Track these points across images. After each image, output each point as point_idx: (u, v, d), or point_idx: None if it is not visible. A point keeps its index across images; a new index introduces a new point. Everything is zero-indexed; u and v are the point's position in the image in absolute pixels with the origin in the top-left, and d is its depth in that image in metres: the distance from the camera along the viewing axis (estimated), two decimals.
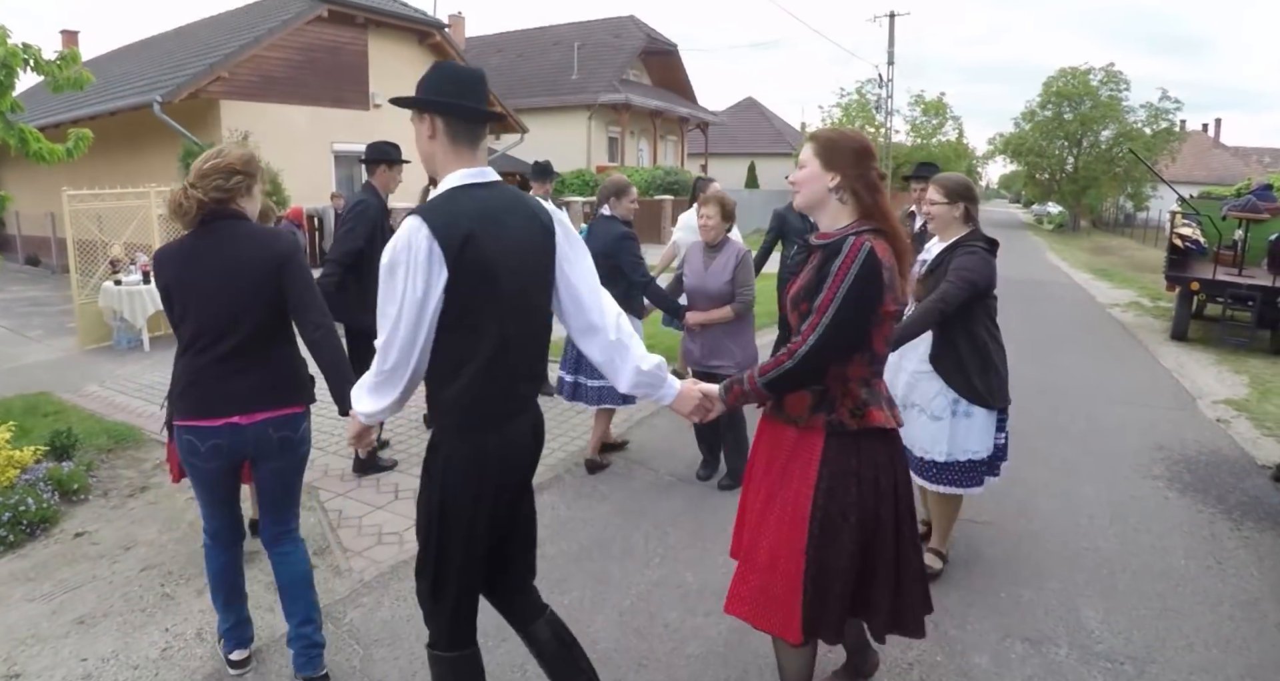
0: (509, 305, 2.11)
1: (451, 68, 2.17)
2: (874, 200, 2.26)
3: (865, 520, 2.27)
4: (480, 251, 2.02)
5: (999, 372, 3.56)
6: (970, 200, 3.53)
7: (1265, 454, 5.60)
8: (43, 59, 5.47)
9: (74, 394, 6.89)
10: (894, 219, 2.29)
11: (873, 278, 2.15)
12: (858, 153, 2.27)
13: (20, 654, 3.09)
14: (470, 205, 2.07)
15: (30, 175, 15.08)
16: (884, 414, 2.29)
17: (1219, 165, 44.83)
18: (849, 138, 2.32)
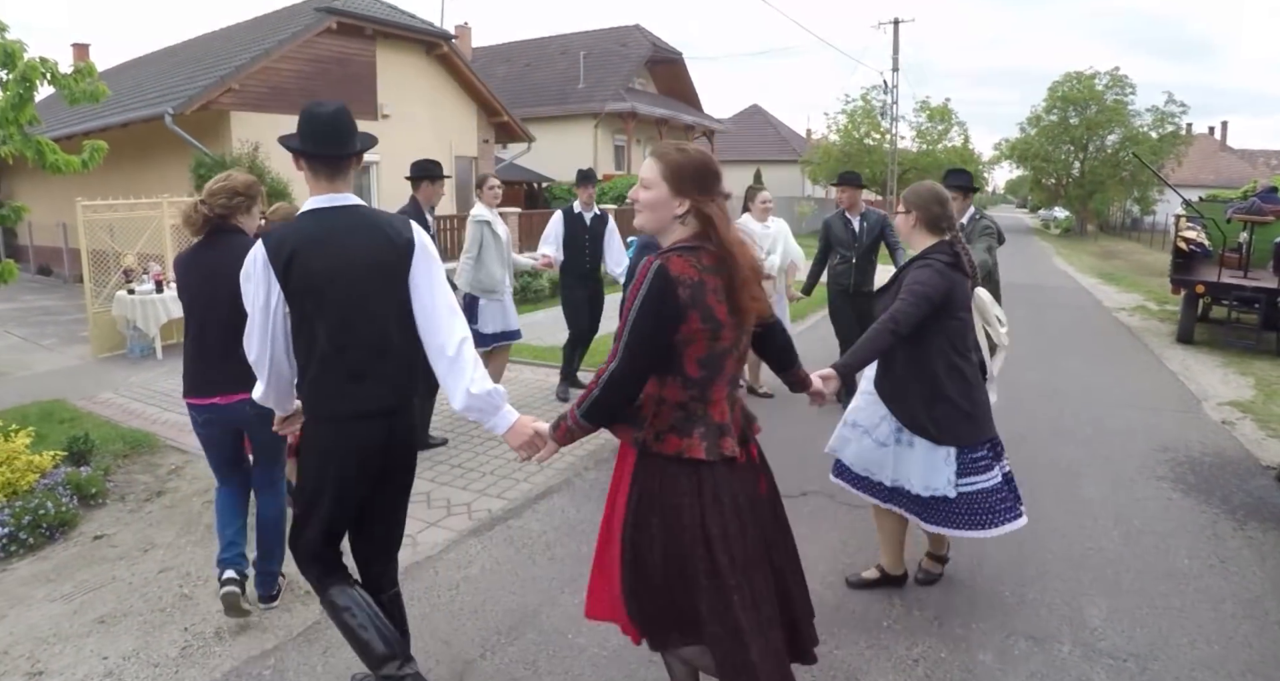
0: (339, 315, 2.40)
1: (309, 114, 2.49)
2: (713, 224, 2.15)
3: (669, 548, 2.18)
4: (304, 268, 2.36)
5: (956, 406, 3.17)
6: (924, 209, 3.22)
7: (1270, 455, 5.63)
8: (59, 72, 5.58)
9: (89, 401, 6.98)
10: (728, 236, 2.15)
11: (664, 296, 2.07)
12: (704, 176, 2.18)
13: (43, 652, 3.17)
14: (308, 227, 2.44)
15: (42, 186, 15.27)
16: (686, 442, 2.16)
17: (1226, 168, 44.76)
18: (694, 162, 2.19)
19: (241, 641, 3.25)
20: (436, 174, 5.51)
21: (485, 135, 19.09)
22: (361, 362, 2.44)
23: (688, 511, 2.16)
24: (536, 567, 3.89)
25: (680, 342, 2.12)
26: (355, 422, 2.46)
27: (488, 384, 2.41)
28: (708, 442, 2.17)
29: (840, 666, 3.08)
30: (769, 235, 6.78)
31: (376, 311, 2.44)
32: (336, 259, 2.39)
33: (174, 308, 8.76)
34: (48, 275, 18.09)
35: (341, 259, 2.39)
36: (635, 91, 27.35)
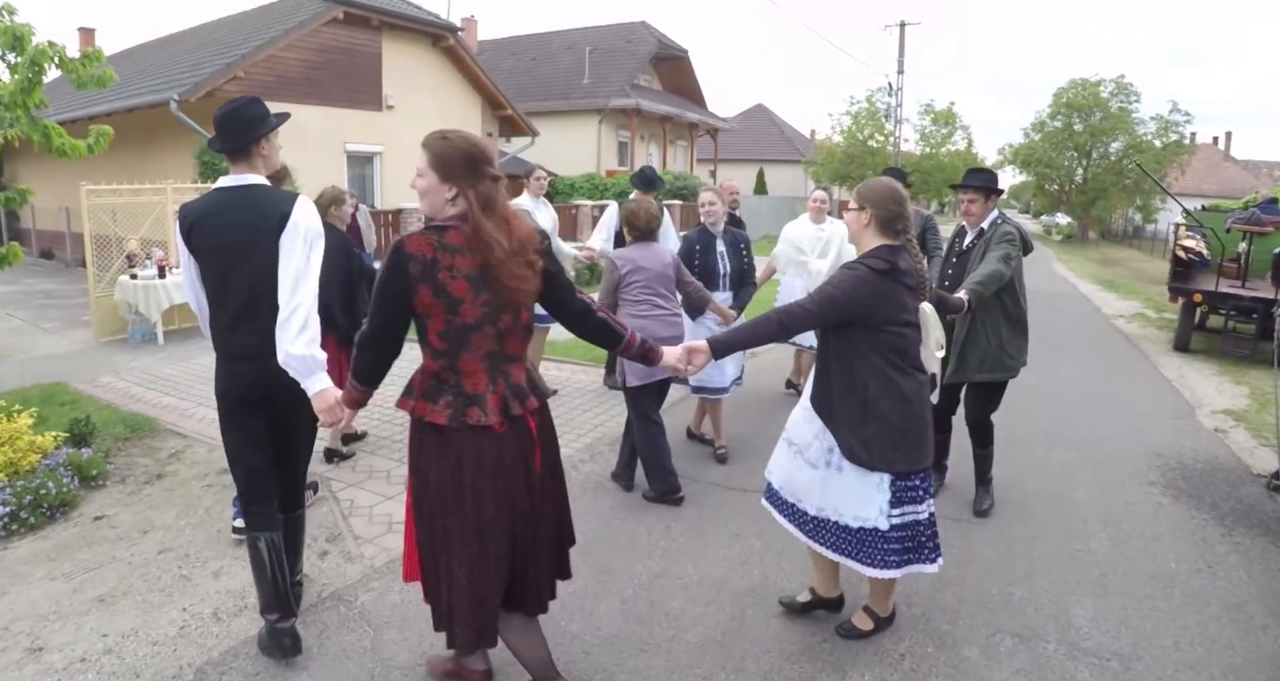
0: (219, 274, 2.87)
1: (220, 112, 2.94)
2: (471, 206, 2.30)
3: (419, 506, 2.50)
4: (199, 235, 2.86)
5: (889, 426, 2.88)
6: (880, 207, 2.92)
7: (1261, 463, 5.67)
8: (67, 57, 5.62)
9: (90, 384, 7.02)
10: (480, 219, 2.29)
11: (395, 270, 2.28)
12: (469, 161, 2.33)
13: (43, 629, 3.21)
14: (209, 201, 2.91)
15: (45, 169, 15.28)
16: (431, 408, 2.37)
17: (1229, 178, 44.79)
18: (457, 147, 2.34)
19: (239, 622, 3.29)
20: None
21: (489, 128, 19.10)
22: (235, 315, 2.88)
23: (433, 471, 2.43)
24: None
25: (420, 315, 2.35)
26: (234, 362, 2.93)
27: (308, 350, 2.73)
28: (452, 410, 2.36)
29: (828, 658, 3.13)
30: (821, 238, 6.39)
31: (247, 274, 2.85)
32: (219, 229, 2.85)
33: (175, 293, 8.79)
34: (50, 259, 18.10)
35: (223, 229, 2.85)
36: (640, 88, 27.36)
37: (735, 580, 3.76)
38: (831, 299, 2.84)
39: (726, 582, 3.73)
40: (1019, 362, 4.44)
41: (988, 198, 4.43)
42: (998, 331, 4.34)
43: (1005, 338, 4.35)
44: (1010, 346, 4.37)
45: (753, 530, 4.28)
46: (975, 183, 4.45)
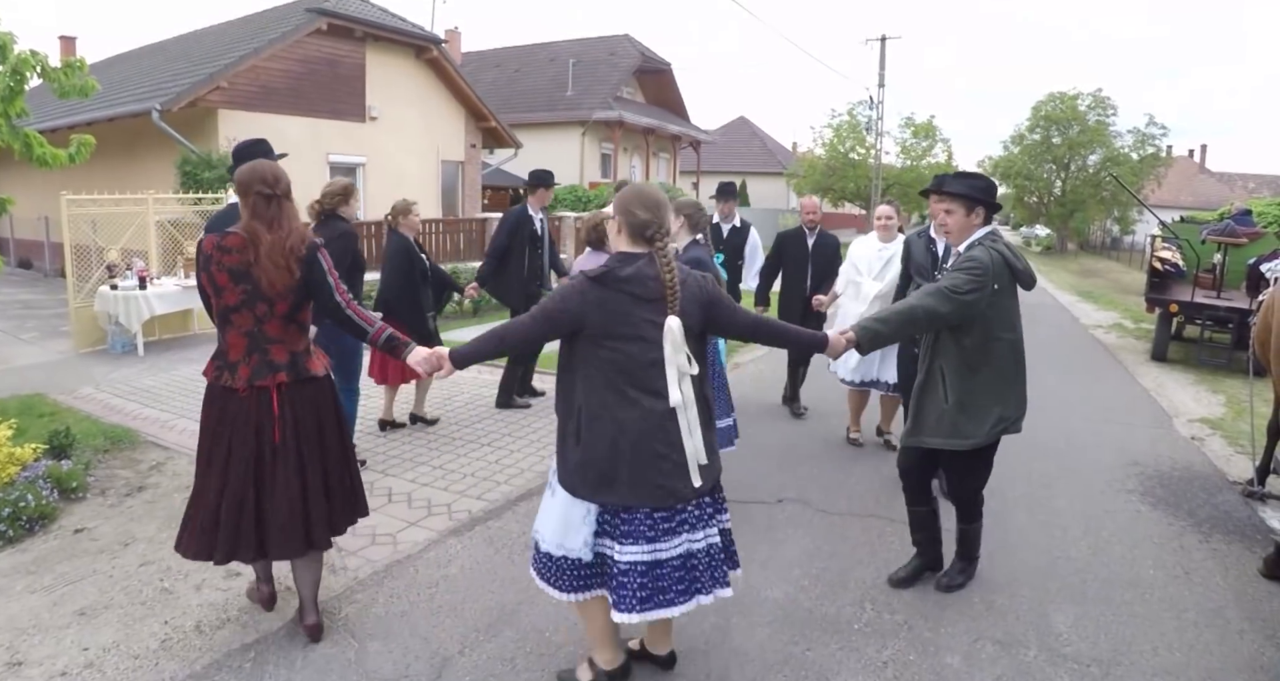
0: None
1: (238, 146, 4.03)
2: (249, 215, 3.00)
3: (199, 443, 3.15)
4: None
5: (586, 449, 2.62)
6: (626, 213, 2.66)
7: (1237, 471, 5.76)
8: (50, 66, 5.59)
9: (69, 396, 6.96)
10: (249, 225, 2.97)
11: (196, 260, 3.12)
12: (247, 182, 3.02)
13: (22, 643, 3.18)
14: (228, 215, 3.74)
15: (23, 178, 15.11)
16: (210, 365, 3.08)
17: (1204, 190, 45.47)
18: (242, 171, 3.07)
19: (222, 634, 3.27)
20: (550, 182, 6.80)
21: (473, 140, 19.12)
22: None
23: (203, 414, 3.14)
24: (515, 567, 3.93)
25: (205, 297, 3.12)
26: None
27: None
28: (216, 372, 3.06)
29: (811, 667, 3.15)
30: (881, 258, 5.74)
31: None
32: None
33: (156, 304, 8.74)
34: (28, 268, 17.92)
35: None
36: (623, 100, 27.47)
37: None
38: (543, 309, 2.66)
39: None
40: (978, 433, 3.47)
41: (971, 210, 3.46)
42: (956, 386, 3.47)
43: (963, 396, 3.46)
44: (971, 409, 3.46)
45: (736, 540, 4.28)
46: (954, 188, 3.50)
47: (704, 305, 2.70)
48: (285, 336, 3.06)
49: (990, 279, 3.32)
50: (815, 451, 5.90)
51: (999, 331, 3.44)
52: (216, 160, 12.01)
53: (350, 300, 3.11)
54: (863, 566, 4.03)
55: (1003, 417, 3.51)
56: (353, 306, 3.12)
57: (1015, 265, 3.45)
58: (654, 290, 2.58)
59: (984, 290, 3.30)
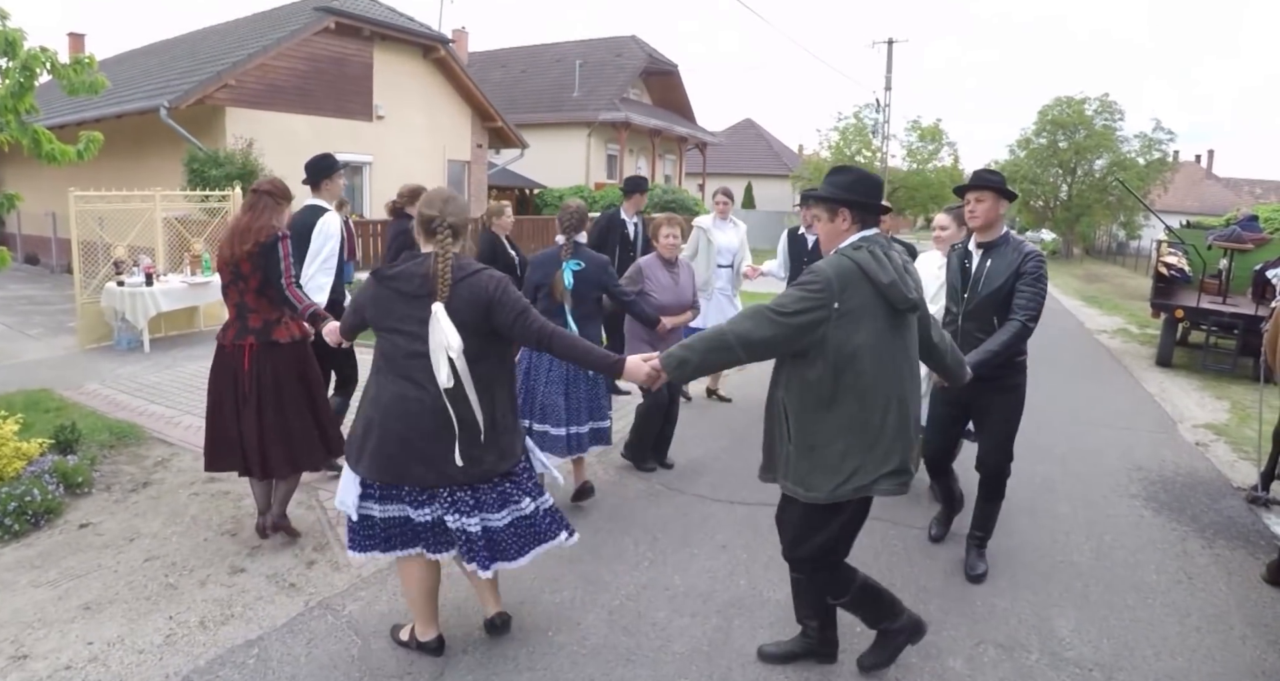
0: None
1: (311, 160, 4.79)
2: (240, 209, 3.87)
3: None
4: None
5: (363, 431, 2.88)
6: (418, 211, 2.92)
7: (1241, 476, 5.75)
8: (59, 62, 5.61)
9: (75, 391, 6.98)
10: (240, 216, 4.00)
11: None
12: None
13: (28, 636, 3.20)
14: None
15: (31, 174, 15.21)
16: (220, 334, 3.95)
17: (1211, 196, 45.35)
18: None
19: (226, 630, 3.28)
20: (645, 188, 7.17)
21: (479, 140, 19.16)
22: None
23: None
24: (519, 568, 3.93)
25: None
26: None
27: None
28: (221, 332, 3.95)
29: (813, 670, 3.15)
30: (938, 277, 4.65)
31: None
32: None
33: (163, 301, 8.77)
34: (35, 264, 17.98)
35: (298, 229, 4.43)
36: (630, 102, 27.49)
37: (721, 591, 3.78)
38: (352, 301, 3.20)
39: (713, 593, 3.75)
40: (822, 487, 2.74)
41: (834, 213, 2.85)
42: (800, 426, 2.78)
43: (809, 439, 2.76)
44: (817, 457, 2.75)
45: (739, 542, 4.31)
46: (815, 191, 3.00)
47: (478, 306, 2.80)
48: (259, 307, 3.89)
49: (831, 296, 2.62)
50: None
51: (869, 365, 2.67)
52: (224, 157, 12.05)
53: (291, 283, 3.86)
54: (866, 568, 3.98)
55: (860, 472, 2.71)
56: (291, 289, 3.86)
57: (878, 278, 2.64)
58: (420, 286, 2.78)
59: (820, 310, 2.62)
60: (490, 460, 2.89)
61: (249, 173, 11.93)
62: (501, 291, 2.84)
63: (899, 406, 2.73)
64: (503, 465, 2.94)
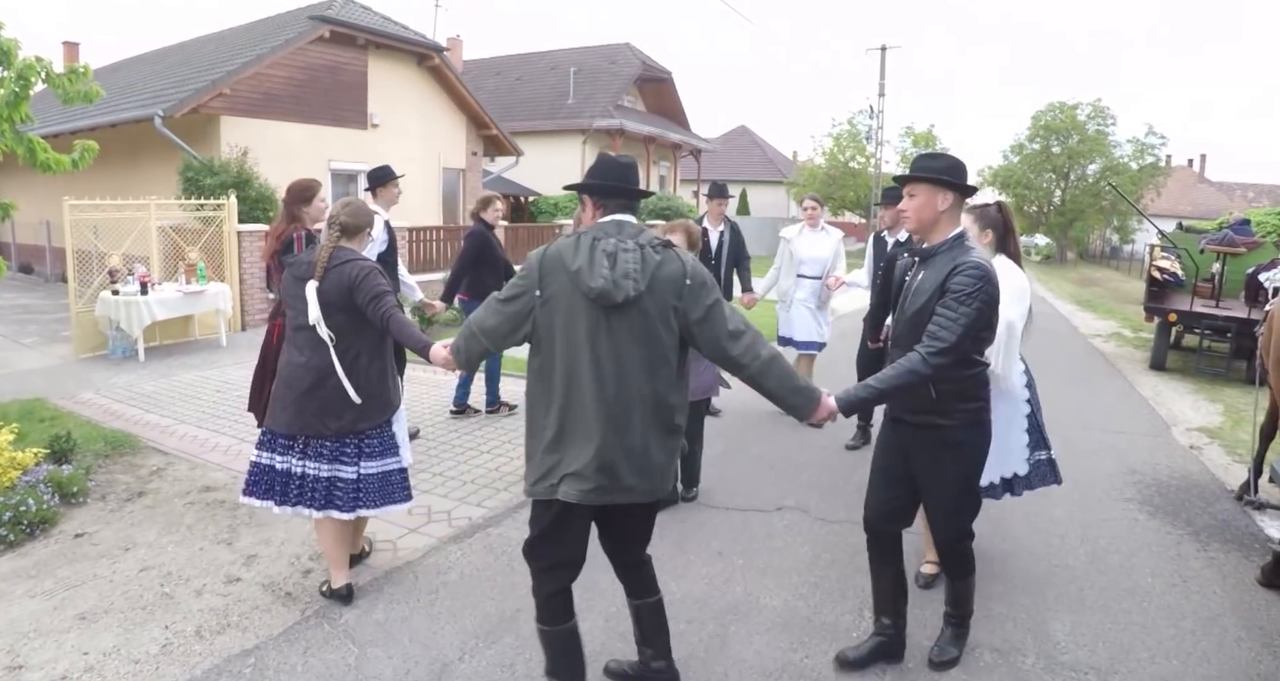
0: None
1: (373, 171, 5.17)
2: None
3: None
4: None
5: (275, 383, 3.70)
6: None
7: (1235, 480, 5.76)
8: (54, 71, 5.62)
9: (70, 400, 6.97)
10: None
11: None
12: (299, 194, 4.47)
13: (23, 646, 3.19)
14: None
15: (25, 183, 15.17)
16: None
17: (1203, 199, 45.56)
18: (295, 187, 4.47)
19: (222, 640, 3.28)
20: (727, 194, 7.01)
21: (474, 147, 19.18)
22: None
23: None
24: (515, 574, 3.94)
25: None
26: None
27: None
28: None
29: (810, 674, 3.16)
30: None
31: None
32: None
33: (158, 309, 8.76)
34: (29, 273, 17.96)
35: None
36: (624, 109, 27.55)
37: (717, 597, 3.78)
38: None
39: (709, 600, 3.75)
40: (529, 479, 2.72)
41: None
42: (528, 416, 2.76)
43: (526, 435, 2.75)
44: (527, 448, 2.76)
45: (735, 548, 4.32)
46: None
47: (343, 289, 3.37)
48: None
49: (534, 283, 2.59)
50: (813, 459, 5.90)
51: (558, 357, 2.58)
52: (218, 166, 12.04)
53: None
54: (861, 574, 4.01)
55: (553, 470, 2.60)
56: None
57: (568, 264, 2.53)
58: (306, 271, 3.43)
59: (526, 297, 2.61)
60: (349, 418, 3.45)
61: (244, 181, 11.92)
62: (363, 278, 3.37)
63: (595, 403, 2.55)
64: (360, 425, 3.48)
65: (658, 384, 2.60)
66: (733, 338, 2.60)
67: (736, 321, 2.63)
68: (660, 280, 2.55)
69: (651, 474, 2.65)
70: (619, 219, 2.63)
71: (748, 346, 2.60)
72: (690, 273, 2.59)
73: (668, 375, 2.62)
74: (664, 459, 2.68)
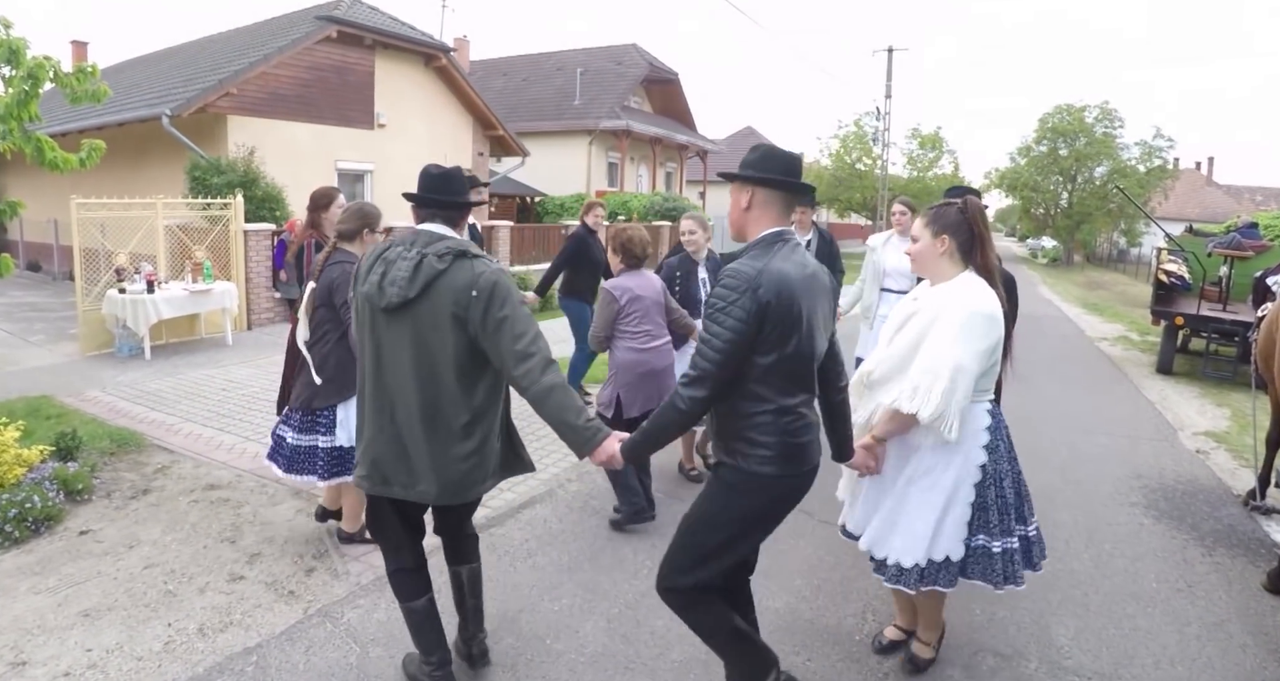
0: None
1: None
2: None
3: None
4: None
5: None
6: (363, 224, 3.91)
7: (1242, 484, 5.74)
8: (62, 71, 5.64)
9: (76, 398, 6.99)
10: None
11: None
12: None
13: (27, 643, 3.20)
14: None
15: (33, 181, 15.26)
16: None
17: (1212, 202, 45.38)
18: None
19: (224, 638, 3.29)
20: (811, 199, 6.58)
21: (480, 148, 19.19)
22: None
23: None
24: (518, 574, 3.94)
25: None
26: None
27: None
28: None
29: (813, 677, 3.15)
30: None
31: None
32: None
33: (164, 308, 8.78)
34: (37, 271, 18.02)
35: None
36: (630, 110, 27.56)
37: None
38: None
39: None
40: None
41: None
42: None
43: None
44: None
45: None
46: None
47: (325, 289, 3.73)
48: None
49: (349, 287, 3.16)
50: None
51: (360, 355, 2.79)
52: (225, 165, 12.07)
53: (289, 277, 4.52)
54: (864, 577, 4.01)
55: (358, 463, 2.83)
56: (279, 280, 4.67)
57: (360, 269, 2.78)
58: (313, 273, 3.83)
59: (349, 300, 3.19)
60: (305, 397, 3.90)
61: (250, 180, 11.95)
62: (342, 281, 3.65)
63: (370, 401, 2.73)
64: (314, 402, 3.87)
65: (428, 388, 2.62)
66: (518, 357, 2.54)
67: (529, 343, 2.56)
68: (439, 288, 2.57)
69: (420, 475, 2.68)
70: (425, 227, 2.72)
71: (529, 370, 2.54)
72: (481, 283, 2.56)
73: (444, 380, 2.61)
74: (442, 463, 2.66)
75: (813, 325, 2.50)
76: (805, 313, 2.44)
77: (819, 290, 2.53)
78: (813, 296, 2.49)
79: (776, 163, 2.57)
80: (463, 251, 2.61)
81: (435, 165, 2.81)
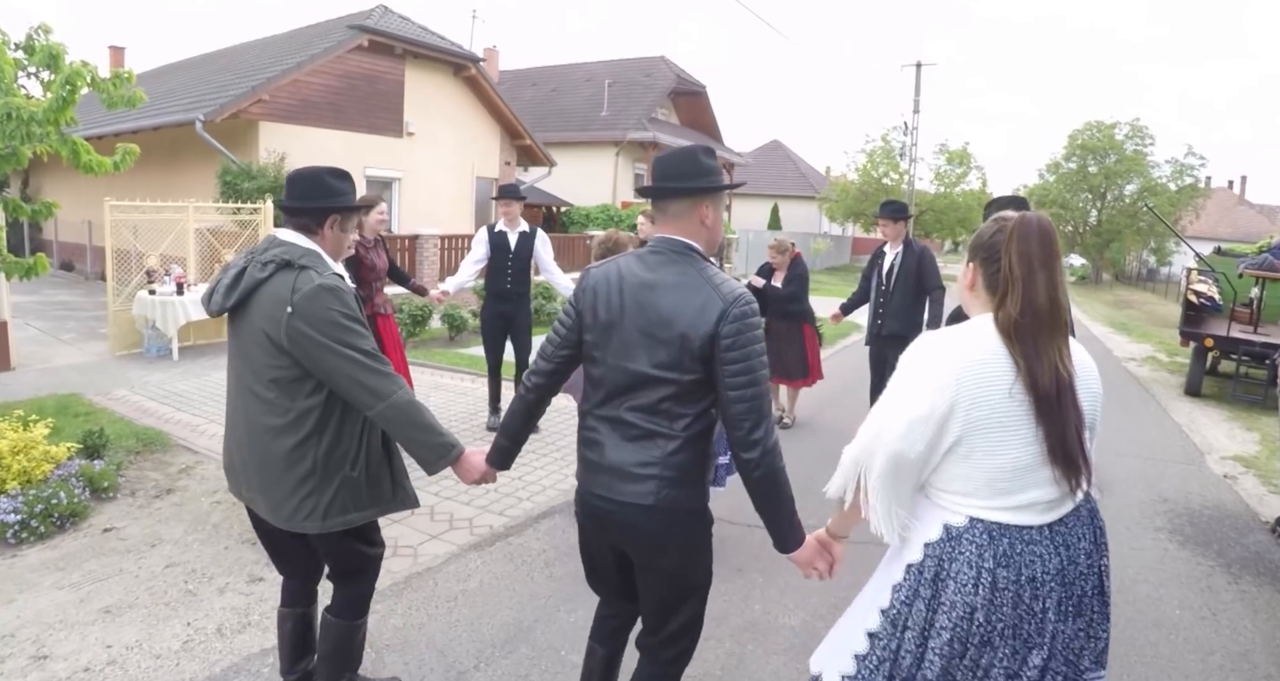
0: None
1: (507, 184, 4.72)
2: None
3: None
4: None
5: None
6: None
7: (1270, 510, 5.64)
8: (99, 77, 5.76)
9: (104, 397, 7.10)
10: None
11: None
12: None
13: (49, 637, 3.25)
14: None
15: (69, 183, 15.53)
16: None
17: (1244, 222, 44.76)
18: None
19: (242, 638, 3.31)
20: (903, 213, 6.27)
21: (507, 157, 19.33)
22: None
23: None
24: (534, 584, 3.95)
25: None
26: None
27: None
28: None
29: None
30: None
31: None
32: None
33: (193, 310, 8.91)
34: (70, 270, 18.35)
35: None
36: (658, 121, 27.65)
37: (736, 615, 3.75)
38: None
39: (727, 617, 3.73)
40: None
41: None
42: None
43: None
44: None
45: (755, 565, 4.29)
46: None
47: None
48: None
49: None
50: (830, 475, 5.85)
51: None
52: (256, 171, 12.24)
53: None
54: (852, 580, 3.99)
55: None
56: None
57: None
58: None
59: None
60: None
61: (280, 186, 12.07)
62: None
63: (227, 407, 2.58)
64: None
65: (250, 403, 2.43)
66: (358, 384, 2.32)
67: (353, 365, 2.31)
68: (259, 300, 2.37)
69: (255, 490, 2.47)
70: (273, 233, 2.55)
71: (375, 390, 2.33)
72: (297, 300, 2.29)
73: (263, 397, 2.40)
74: (270, 484, 2.41)
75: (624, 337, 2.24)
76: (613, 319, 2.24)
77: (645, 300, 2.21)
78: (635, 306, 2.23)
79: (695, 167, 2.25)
80: (287, 261, 2.36)
81: (304, 168, 2.62)
